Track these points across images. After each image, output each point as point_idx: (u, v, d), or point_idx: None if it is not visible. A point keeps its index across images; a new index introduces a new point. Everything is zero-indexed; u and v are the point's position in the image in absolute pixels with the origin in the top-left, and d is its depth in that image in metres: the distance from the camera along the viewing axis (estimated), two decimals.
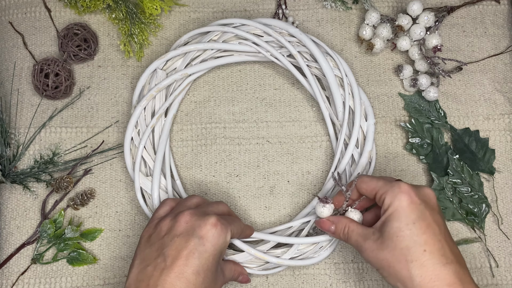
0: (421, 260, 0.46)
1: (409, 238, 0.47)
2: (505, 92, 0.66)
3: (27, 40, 0.67)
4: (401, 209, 0.48)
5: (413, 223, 0.47)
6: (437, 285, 0.46)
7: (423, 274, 0.46)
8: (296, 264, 0.57)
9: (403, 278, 0.47)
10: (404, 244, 0.47)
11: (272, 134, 0.65)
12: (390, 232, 0.48)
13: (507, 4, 0.69)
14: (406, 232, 0.47)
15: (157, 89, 0.61)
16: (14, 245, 0.61)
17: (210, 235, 0.49)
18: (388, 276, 0.48)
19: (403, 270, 0.47)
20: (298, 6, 0.68)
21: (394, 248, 0.47)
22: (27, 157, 0.63)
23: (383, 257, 0.48)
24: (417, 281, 0.46)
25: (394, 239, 0.47)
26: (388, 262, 0.47)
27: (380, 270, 0.49)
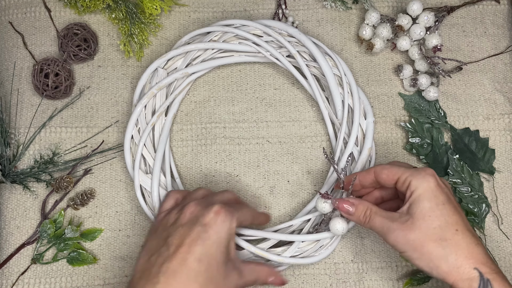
0: (454, 239, 0.47)
1: (442, 218, 0.47)
2: (505, 92, 0.66)
3: (27, 40, 0.67)
4: (430, 190, 0.48)
5: (443, 204, 0.48)
6: (471, 263, 0.46)
7: (458, 252, 0.46)
8: (296, 262, 0.57)
9: (437, 257, 0.46)
10: (437, 224, 0.47)
11: (272, 134, 0.65)
12: (421, 212, 0.47)
13: (507, 4, 0.69)
14: (437, 212, 0.47)
15: (158, 87, 0.61)
16: (14, 245, 0.61)
17: (213, 223, 0.48)
18: (420, 257, 0.47)
19: (437, 248, 0.46)
20: (298, 6, 0.69)
21: (427, 227, 0.47)
22: (27, 156, 0.63)
23: (414, 237, 0.47)
24: (452, 260, 0.46)
25: (426, 219, 0.47)
26: (421, 242, 0.47)
27: (410, 252, 0.48)
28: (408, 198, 0.49)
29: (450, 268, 0.46)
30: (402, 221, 0.48)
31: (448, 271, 0.46)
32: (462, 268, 0.46)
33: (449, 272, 0.46)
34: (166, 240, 0.49)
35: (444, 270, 0.46)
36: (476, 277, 0.45)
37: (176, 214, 0.51)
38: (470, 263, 0.46)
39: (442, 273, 0.46)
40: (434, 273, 0.47)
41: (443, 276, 0.46)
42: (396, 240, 0.48)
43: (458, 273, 0.46)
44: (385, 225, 0.49)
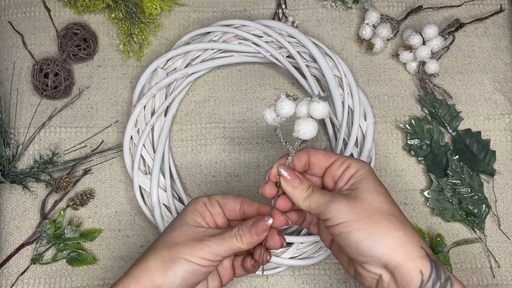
0: (401, 216, 0.44)
1: (387, 195, 0.45)
2: (506, 92, 0.66)
3: (26, 40, 0.67)
4: (372, 174, 0.46)
5: (382, 184, 0.46)
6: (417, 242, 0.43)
7: (406, 228, 0.43)
8: (296, 264, 0.57)
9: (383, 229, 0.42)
10: (384, 199, 0.44)
11: (272, 134, 0.64)
12: (366, 187, 0.45)
13: (507, 4, 0.69)
14: (383, 189, 0.45)
15: (157, 87, 0.61)
16: (13, 245, 0.61)
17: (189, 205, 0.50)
18: (362, 228, 0.42)
19: (384, 220, 0.43)
20: (298, 6, 0.68)
21: (374, 200, 0.44)
22: (26, 156, 0.63)
23: (360, 206, 0.43)
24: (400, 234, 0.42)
25: (373, 193, 0.44)
26: (367, 212, 0.43)
27: (352, 222, 0.43)
28: (348, 178, 0.46)
29: (398, 242, 0.42)
30: (345, 194, 0.45)
31: (395, 244, 0.42)
32: (410, 244, 0.42)
33: (396, 247, 0.42)
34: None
35: (391, 244, 0.42)
36: (424, 256, 0.42)
37: None
38: (418, 241, 0.43)
39: (386, 247, 0.42)
40: (376, 247, 0.42)
41: (386, 251, 0.42)
42: (337, 209, 0.43)
43: (405, 250, 0.42)
44: (326, 197, 0.45)
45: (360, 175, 0.46)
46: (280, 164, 0.47)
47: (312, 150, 0.49)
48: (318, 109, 0.44)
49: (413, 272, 0.41)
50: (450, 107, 0.64)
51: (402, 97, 0.66)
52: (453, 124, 0.64)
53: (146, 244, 0.61)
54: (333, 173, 0.48)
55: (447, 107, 0.64)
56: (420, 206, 0.63)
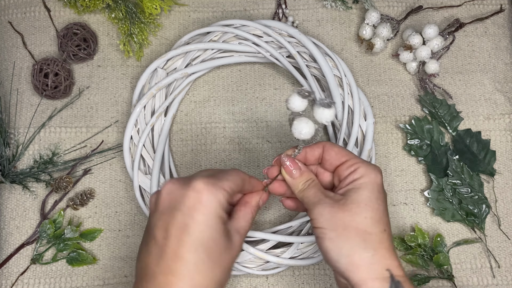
0: (380, 236, 0.44)
1: (377, 212, 0.44)
2: (506, 92, 0.66)
3: (26, 40, 0.67)
4: (376, 184, 0.45)
5: (382, 201, 0.45)
6: (386, 264, 0.43)
7: (378, 249, 0.43)
8: (296, 264, 0.57)
9: (353, 246, 0.43)
10: (370, 215, 0.44)
11: (272, 134, 0.64)
12: (358, 198, 0.44)
13: (507, 4, 0.69)
14: (375, 205, 0.44)
15: (157, 87, 0.61)
16: (13, 245, 0.61)
17: (197, 204, 0.42)
18: (334, 239, 0.43)
19: (357, 238, 0.43)
20: (298, 6, 0.68)
21: (358, 214, 0.43)
22: (26, 156, 0.63)
23: (340, 216, 0.44)
24: (368, 255, 0.43)
25: (361, 206, 0.44)
26: (345, 224, 0.43)
27: (328, 229, 0.44)
28: (348, 182, 0.46)
29: (362, 262, 0.42)
30: (335, 199, 0.45)
31: (359, 264, 0.42)
32: (375, 265, 0.43)
33: (359, 266, 0.42)
34: (152, 231, 0.44)
35: (355, 262, 0.43)
36: (387, 277, 0.42)
37: (155, 196, 0.45)
38: (385, 263, 0.43)
39: (350, 264, 0.43)
40: (340, 261, 0.43)
41: (349, 268, 0.43)
42: (320, 213, 0.44)
43: (369, 270, 0.42)
44: (317, 197, 0.45)
45: (360, 183, 0.45)
46: (287, 153, 0.48)
47: (328, 145, 0.49)
48: (321, 113, 0.44)
49: None
50: (450, 107, 0.64)
51: (402, 97, 0.66)
52: (453, 124, 0.64)
53: None
54: (340, 172, 0.48)
55: (447, 107, 0.64)
56: (420, 206, 0.63)
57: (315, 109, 0.44)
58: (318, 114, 0.44)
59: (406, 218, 0.62)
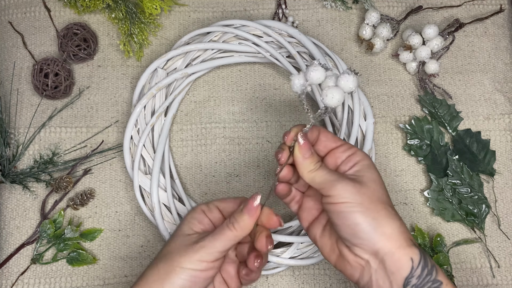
0: (395, 210, 0.46)
1: (385, 189, 0.47)
2: (505, 92, 0.66)
3: (26, 40, 0.67)
4: (374, 166, 0.47)
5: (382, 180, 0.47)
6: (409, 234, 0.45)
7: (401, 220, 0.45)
8: (296, 264, 0.57)
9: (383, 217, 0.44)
10: (383, 191, 0.46)
11: (272, 134, 0.64)
12: (371, 176, 0.46)
13: (507, 4, 0.69)
14: (382, 183, 0.47)
15: (157, 87, 0.61)
16: (13, 245, 0.61)
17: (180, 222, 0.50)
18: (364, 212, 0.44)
19: (385, 210, 0.44)
20: (298, 6, 0.68)
21: (376, 190, 0.45)
22: (26, 156, 0.63)
23: (365, 191, 0.44)
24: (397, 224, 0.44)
25: (376, 183, 0.46)
26: (370, 198, 0.44)
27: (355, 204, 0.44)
28: (353, 164, 0.47)
29: (394, 232, 0.43)
30: (350, 179, 0.45)
31: (392, 234, 0.43)
32: (404, 235, 0.44)
33: (392, 236, 0.43)
34: None
35: (387, 232, 0.43)
36: (415, 245, 0.44)
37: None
38: (408, 233, 0.45)
39: (382, 234, 0.43)
40: (372, 231, 0.43)
41: (381, 238, 0.43)
42: (344, 188, 0.44)
43: (399, 239, 0.43)
44: (334, 175, 0.46)
45: (365, 164, 0.47)
46: (298, 129, 0.47)
47: (323, 128, 0.50)
48: (348, 80, 0.44)
49: (404, 259, 0.43)
50: (450, 107, 0.64)
51: (402, 97, 0.66)
52: (453, 124, 0.64)
53: (146, 244, 0.61)
54: (337, 154, 0.48)
55: (447, 107, 0.64)
56: (420, 206, 0.63)
57: (341, 78, 0.44)
58: (344, 83, 0.44)
59: (406, 218, 0.62)
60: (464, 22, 0.67)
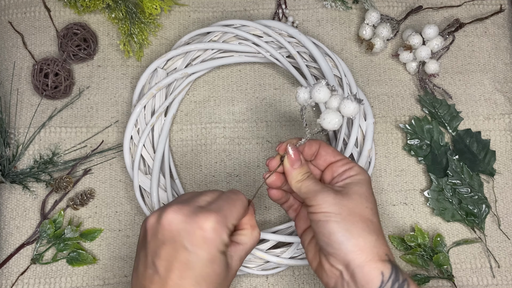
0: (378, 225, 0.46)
1: (374, 204, 0.47)
2: (505, 92, 0.66)
3: (26, 40, 0.67)
4: (369, 182, 0.48)
5: (375, 199, 0.48)
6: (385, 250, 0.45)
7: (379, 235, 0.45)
8: (296, 264, 0.57)
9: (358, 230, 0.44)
10: (369, 206, 0.46)
11: (272, 134, 0.64)
12: (358, 190, 0.47)
13: (507, 4, 0.69)
14: (372, 199, 0.47)
15: (157, 87, 0.61)
16: (13, 245, 0.61)
17: (201, 242, 0.43)
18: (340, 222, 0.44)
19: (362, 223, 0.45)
20: (298, 6, 0.68)
21: (360, 202, 0.46)
22: (26, 156, 0.63)
23: (346, 203, 0.45)
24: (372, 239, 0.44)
25: (362, 196, 0.46)
26: (349, 210, 0.45)
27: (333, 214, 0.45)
28: (346, 177, 0.48)
29: (367, 246, 0.44)
30: (336, 189, 0.47)
31: (364, 247, 0.44)
32: (377, 249, 0.44)
33: (364, 249, 0.44)
34: (152, 259, 0.44)
35: (360, 245, 0.44)
36: (387, 260, 0.44)
37: (155, 222, 0.45)
38: (385, 249, 0.45)
39: (355, 246, 0.44)
40: (345, 243, 0.44)
41: (353, 249, 0.44)
42: (324, 199, 0.45)
43: (372, 253, 0.44)
44: (318, 186, 0.47)
45: (357, 179, 0.48)
46: (292, 142, 0.49)
47: (324, 143, 0.51)
48: (349, 107, 0.45)
49: (374, 273, 0.44)
50: (450, 107, 0.64)
51: (402, 97, 0.66)
52: (453, 124, 0.64)
53: None
54: (334, 168, 0.50)
55: (447, 107, 0.64)
56: (420, 206, 0.63)
57: (344, 103, 0.45)
58: (346, 108, 0.45)
59: (406, 218, 0.62)
60: (464, 22, 0.67)
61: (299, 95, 0.47)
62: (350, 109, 0.45)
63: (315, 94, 0.46)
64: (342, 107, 0.46)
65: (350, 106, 0.45)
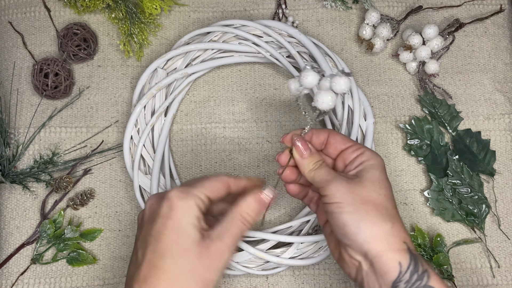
0: (394, 212, 0.45)
1: (388, 189, 0.46)
2: (506, 92, 0.66)
3: (26, 40, 0.67)
4: (383, 166, 0.47)
5: (389, 183, 0.47)
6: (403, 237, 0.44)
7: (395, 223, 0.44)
8: (296, 264, 0.57)
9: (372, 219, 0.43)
10: (384, 192, 0.45)
11: (272, 134, 0.64)
12: (372, 176, 0.46)
13: (507, 4, 0.69)
14: (386, 183, 0.46)
15: (157, 87, 0.61)
16: (13, 245, 0.61)
17: (169, 212, 0.43)
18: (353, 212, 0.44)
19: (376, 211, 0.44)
20: (298, 6, 0.68)
21: (374, 190, 0.45)
22: (26, 156, 0.63)
23: (358, 192, 0.45)
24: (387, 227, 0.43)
25: (375, 183, 0.45)
26: (363, 198, 0.44)
27: (345, 203, 0.44)
28: (358, 164, 0.47)
29: (382, 234, 0.43)
30: (349, 177, 0.46)
31: (379, 236, 0.43)
32: (394, 238, 0.43)
33: (379, 238, 0.43)
34: (135, 245, 0.45)
35: (375, 234, 0.43)
36: (405, 249, 0.43)
37: (141, 213, 0.47)
38: (402, 236, 0.44)
39: (370, 236, 0.43)
40: (359, 233, 0.43)
41: (369, 240, 0.43)
42: (337, 188, 0.45)
43: (387, 242, 0.43)
44: (331, 174, 0.46)
45: (370, 164, 0.47)
46: (296, 133, 0.49)
47: (333, 131, 0.51)
48: (339, 83, 0.44)
49: (392, 263, 0.43)
50: (450, 107, 0.64)
51: (402, 97, 0.66)
52: (453, 124, 0.64)
53: None
54: (345, 156, 0.49)
55: (447, 107, 0.64)
56: (420, 206, 0.63)
57: (333, 81, 0.45)
58: (336, 85, 0.45)
59: (406, 218, 0.62)
60: (464, 22, 0.67)
61: (291, 86, 0.47)
62: (341, 85, 0.44)
63: (303, 80, 0.46)
64: (333, 86, 0.45)
65: (340, 82, 0.44)
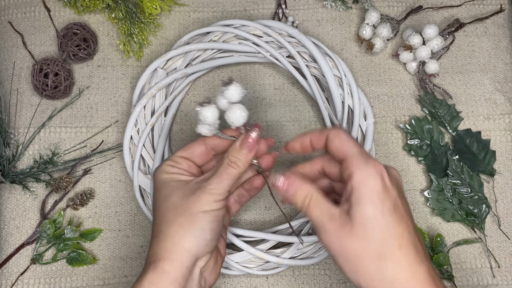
0: (396, 256, 0.40)
1: (385, 230, 0.40)
2: (506, 92, 0.66)
3: (26, 40, 0.67)
4: (376, 194, 0.41)
5: (389, 212, 0.41)
6: (412, 284, 0.40)
7: (397, 273, 0.40)
8: (296, 264, 0.57)
9: (371, 275, 0.40)
10: (379, 236, 0.40)
11: (272, 134, 0.64)
12: (362, 219, 0.40)
13: (507, 4, 0.69)
14: (381, 222, 0.40)
15: (157, 87, 0.61)
16: (13, 245, 0.61)
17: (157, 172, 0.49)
18: (352, 270, 0.41)
19: (373, 266, 0.40)
20: (298, 6, 0.68)
21: (366, 239, 0.40)
22: (26, 156, 0.63)
23: (351, 246, 0.41)
24: (389, 280, 0.40)
25: (367, 228, 0.40)
26: (357, 254, 0.40)
27: (342, 260, 0.41)
28: (349, 194, 0.42)
29: (381, 284, 0.40)
30: (340, 223, 0.41)
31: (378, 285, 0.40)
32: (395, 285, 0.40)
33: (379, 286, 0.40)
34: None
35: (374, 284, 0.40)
36: None
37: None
38: (410, 284, 0.40)
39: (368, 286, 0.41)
40: (357, 281, 0.41)
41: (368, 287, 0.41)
42: (329, 242, 0.42)
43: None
44: (321, 222, 0.42)
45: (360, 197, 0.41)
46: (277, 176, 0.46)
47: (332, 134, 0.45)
48: (232, 93, 0.47)
49: None
50: (450, 107, 0.64)
51: (402, 97, 0.66)
52: (453, 124, 0.64)
53: (146, 244, 0.61)
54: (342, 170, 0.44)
55: (447, 107, 0.64)
56: (420, 206, 0.63)
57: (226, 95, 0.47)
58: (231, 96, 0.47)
59: None
60: (464, 22, 0.67)
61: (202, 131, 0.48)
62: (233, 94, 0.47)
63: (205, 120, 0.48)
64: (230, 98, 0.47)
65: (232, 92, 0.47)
